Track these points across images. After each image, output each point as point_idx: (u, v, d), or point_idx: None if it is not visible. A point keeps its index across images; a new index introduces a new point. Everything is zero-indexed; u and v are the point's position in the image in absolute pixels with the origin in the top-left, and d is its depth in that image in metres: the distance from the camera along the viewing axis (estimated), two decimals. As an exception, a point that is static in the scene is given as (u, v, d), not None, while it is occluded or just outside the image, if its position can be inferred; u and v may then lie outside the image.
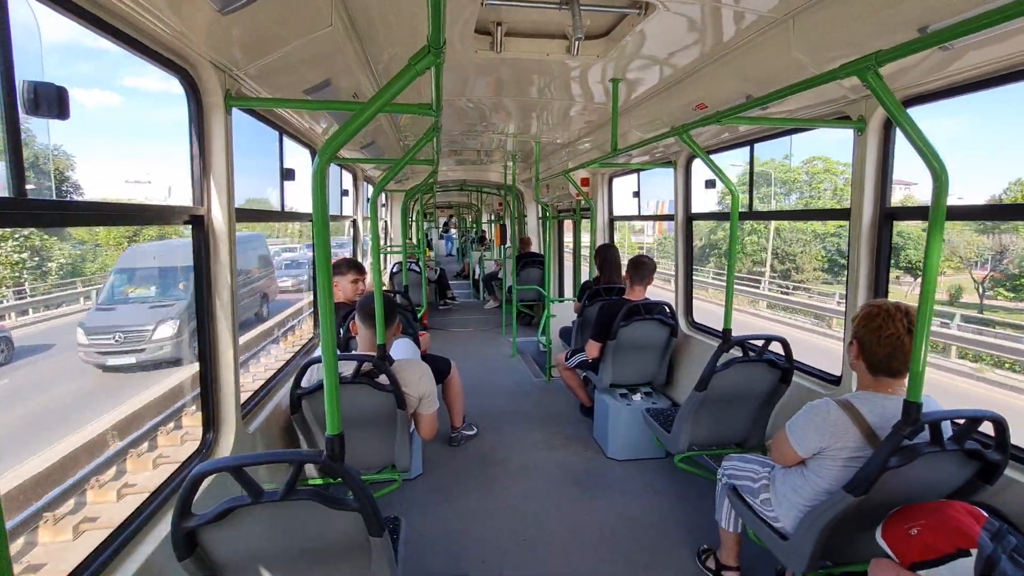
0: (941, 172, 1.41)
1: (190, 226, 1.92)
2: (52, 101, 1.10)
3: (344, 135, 1.20)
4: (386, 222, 9.43)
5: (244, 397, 2.61)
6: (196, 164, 1.89)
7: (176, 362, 10.15)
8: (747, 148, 3.34)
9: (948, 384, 13.70)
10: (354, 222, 5.51)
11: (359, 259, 5.33)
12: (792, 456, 1.89)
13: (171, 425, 7.63)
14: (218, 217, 1.94)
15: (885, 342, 1.71)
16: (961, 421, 1.67)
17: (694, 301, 4.28)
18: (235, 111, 2.07)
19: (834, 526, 1.72)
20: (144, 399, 7.67)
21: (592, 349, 3.71)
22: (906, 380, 1.69)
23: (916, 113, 2.16)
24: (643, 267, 3.73)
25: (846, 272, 2.55)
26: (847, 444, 1.72)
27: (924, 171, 1.44)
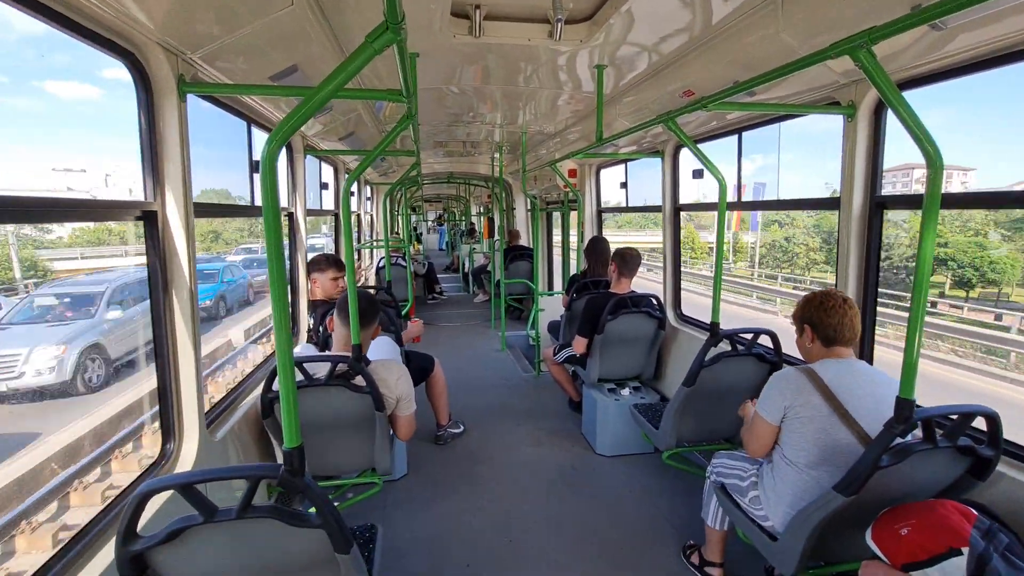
0: (936, 158, 1.34)
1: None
2: None
3: (296, 119, 1.10)
4: (372, 216, 9.27)
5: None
6: (147, 155, 1.77)
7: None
8: (735, 137, 3.27)
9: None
10: (336, 216, 5.38)
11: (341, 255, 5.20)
12: (766, 430, 1.94)
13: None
14: (173, 212, 1.82)
15: (832, 313, 1.88)
16: (954, 417, 1.61)
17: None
18: (196, 100, 1.95)
19: (825, 526, 1.67)
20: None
21: (579, 345, 3.64)
22: (851, 351, 1.90)
23: (907, 98, 2.10)
24: (630, 259, 3.67)
25: (835, 263, 2.49)
26: (808, 400, 1.80)
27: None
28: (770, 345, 2.65)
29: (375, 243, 8.70)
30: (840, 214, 2.39)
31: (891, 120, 2.23)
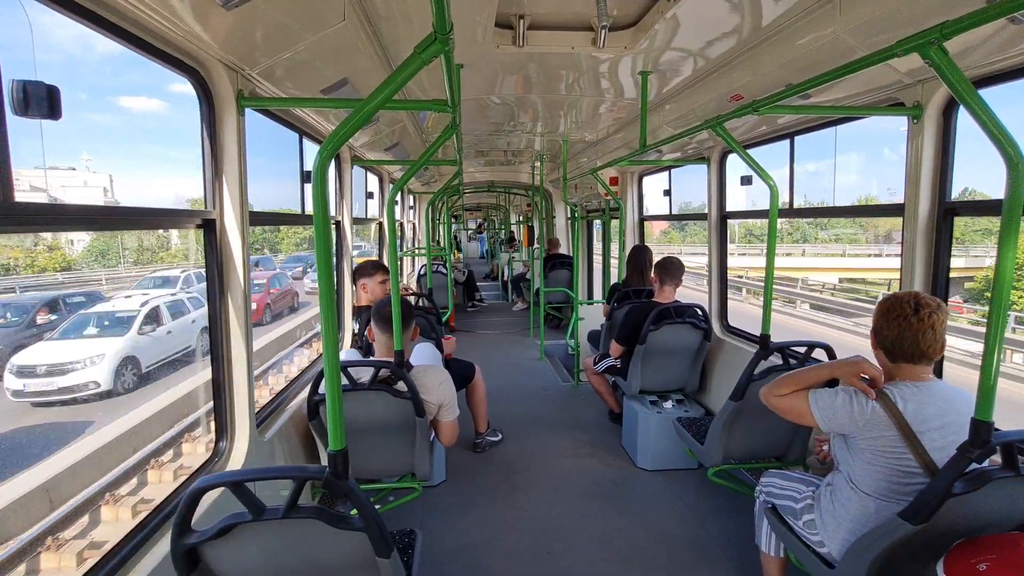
0: (1017, 160, 1.23)
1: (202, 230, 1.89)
2: (43, 101, 1.06)
3: (346, 130, 1.14)
4: (414, 224, 9.46)
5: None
6: (208, 167, 1.87)
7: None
8: (787, 142, 3.14)
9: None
10: (380, 224, 5.52)
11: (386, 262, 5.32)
12: (807, 420, 1.79)
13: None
14: (231, 220, 1.91)
15: (893, 324, 1.68)
16: None
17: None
18: (251, 112, 2.04)
19: (887, 556, 1.55)
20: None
21: (614, 349, 3.62)
22: (928, 369, 1.67)
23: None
24: (672, 267, 3.60)
25: (899, 275, 2.34)
26: (883, 434, 1.64)
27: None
28: (825, 360, 2.51)
29: (417, 251, 8.86)
30: (904, 221, 2.25)
31: (960, 121, 2.09)
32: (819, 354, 2.50)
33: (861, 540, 1.64)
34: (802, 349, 2.49)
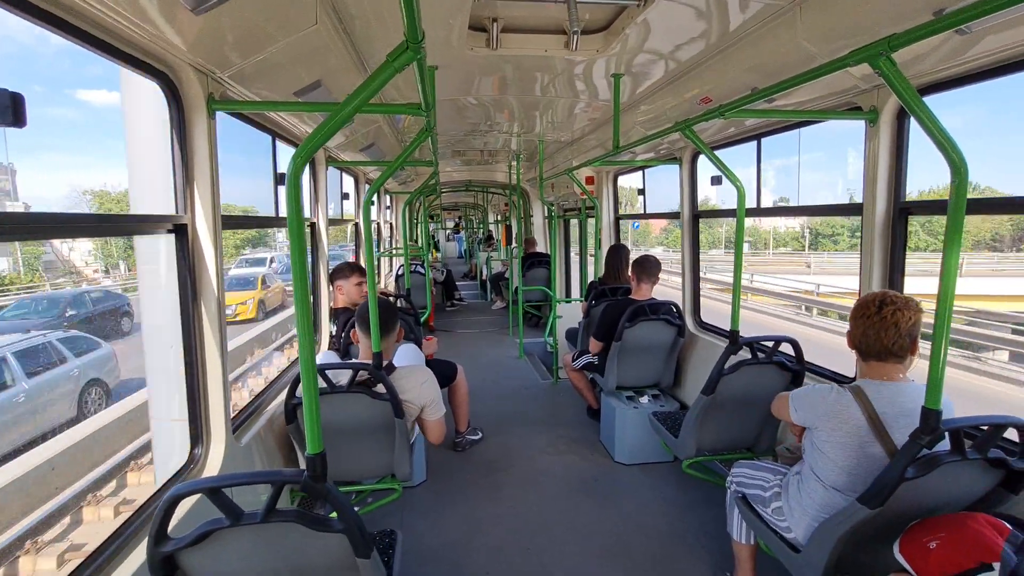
0: (960, 165, 1.32)
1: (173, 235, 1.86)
2: (6, 108, 1.05)
3: (320, 136, 1.15)
4: (391, 224, 9.40)
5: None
6: (178, 171, 1.84)
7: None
8: (754, 143, 3.24)
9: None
10: (356, 225, 5.48)
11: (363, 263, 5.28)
12: (784, 408, 1.99)
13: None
14: (202, 225, 1.89)
15: (858, 322, 1.75)
16: (984, 427, 1.57)
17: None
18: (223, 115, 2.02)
19: (849, 539, 1.64)
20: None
21: (593, 345, 3.70)
22: (900, 368, 1.72)
23: (930, 103, 2.07)
24: (649, 265, 3.67)
25: (859, 271, 2.44)
26: (842, 426, 1.71)
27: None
28: (791, 353, 2.61)
29: (394, 251, 8.81)
30: (863, 220, 2.36)
31: (915, 124, 2.20)
32: (785, 348, 2.60)
33: (824, 525, 1.72)
34: (770, 344, 2.58)
